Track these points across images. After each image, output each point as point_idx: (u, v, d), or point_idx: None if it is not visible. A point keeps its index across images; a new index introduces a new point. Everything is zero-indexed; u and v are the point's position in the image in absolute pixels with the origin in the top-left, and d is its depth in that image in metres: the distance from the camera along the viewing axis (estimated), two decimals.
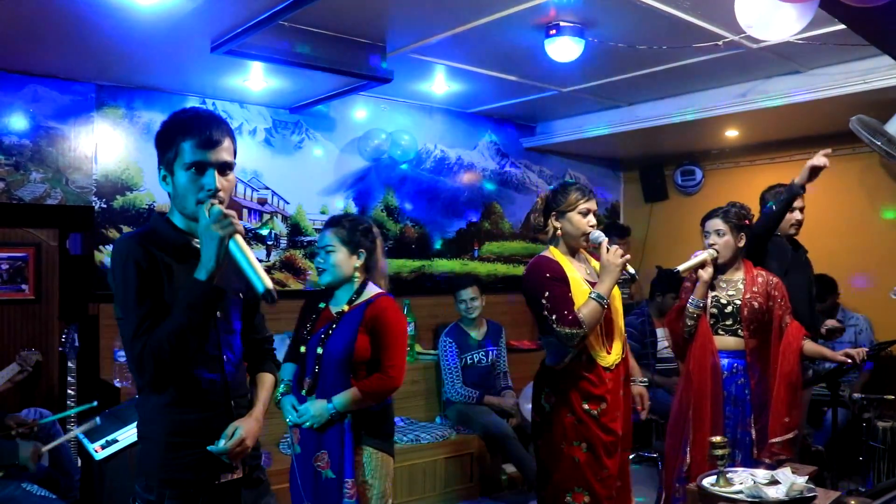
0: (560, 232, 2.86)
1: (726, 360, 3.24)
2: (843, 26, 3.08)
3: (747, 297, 3.22)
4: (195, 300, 1.78)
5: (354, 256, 2.78)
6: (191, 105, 4.49)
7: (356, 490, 2.61)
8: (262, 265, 1.89)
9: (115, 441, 3.12)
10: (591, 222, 2.83)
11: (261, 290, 1.76)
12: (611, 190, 7.05)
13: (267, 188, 4.95)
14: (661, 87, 4.89)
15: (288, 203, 5.05)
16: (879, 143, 3.21)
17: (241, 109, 4.86)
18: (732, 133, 5.64)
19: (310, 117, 5.13)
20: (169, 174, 1.91)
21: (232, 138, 1.94)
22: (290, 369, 2.81)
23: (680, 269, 3.24)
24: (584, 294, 2.73)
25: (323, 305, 2.83)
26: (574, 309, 2.67)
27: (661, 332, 4.90)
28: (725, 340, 3.25)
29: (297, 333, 2.84)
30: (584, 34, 3.64)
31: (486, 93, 5.12)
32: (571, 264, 2.84)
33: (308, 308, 2.90)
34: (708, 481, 2.38)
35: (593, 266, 2.91)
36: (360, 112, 5.31)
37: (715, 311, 3.28)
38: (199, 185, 1.86)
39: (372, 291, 2.80)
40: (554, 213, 2.87)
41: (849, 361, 3.23)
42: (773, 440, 3.14)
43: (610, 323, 2.82)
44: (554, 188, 2.95)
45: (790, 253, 3.68)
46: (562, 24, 3.57)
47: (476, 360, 4.88)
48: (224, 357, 1.95)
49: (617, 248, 2.74)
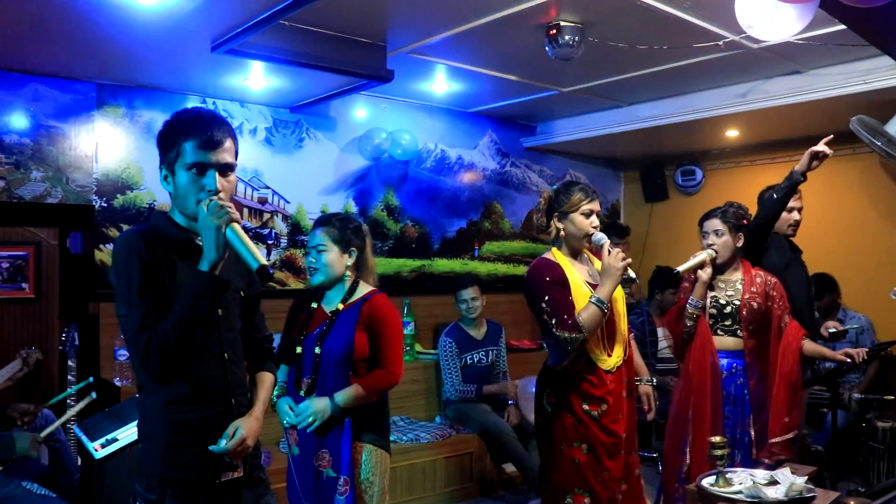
0: (563, 233, 2.84)
1: (725, 360, 3.24)
2: (843, 27, 3.08)
3: (746, 297, 3.22)
4: (199, 290, 1.79)
5: (346, 255, 2.78)
6: (191, 104, 4.51)
7: (348, 488, 2.61)
8: None
9: (115, 440, 3.12)
10: (593, 223, 2.80)
11: (255, 267, 1.77)
12: (611, 190, 7.05)
13: (267, 187, 4.95)
14: (662, 87, 4.89)
15: (288, 202, 5.05)
16: (879, 144, 3.21)
17: (242, 108, 4.86)
18: (733, 133, 5.64)
19: (310, 116, 5.13)
20: (170, 174, 1.91)
21: (234, 139, 1.94)
22: (283, 371, 2.80)
23: (679, 269, 3.23)
24: (585, 296, 2.70)
25: (315, 305, 2.82)
26: (574, 313, 2.65)
27: (661, 332, 4.90)
28: (724, 340, 3.25)
29: (289, 334, 2.81)
30: (584, 34, 3.64)
31: (486, 92, 5.12)
32: (573, 266, 2.82)
33: (298, 308, 2.87)
34: (707, 481, 2.38)
35: (596, 267, 2.88)
36: (360, 111, 5.31)
37: (714, 311, 3.28)
38: (199, 185, 1.86)
39: (366, 289, 2.80)
40: (557, 214, 2.84)
41: (848, 361, 3.23)
42: (773, 440, 3.14)
43: (611, 325, 2.79)
44: (557, 188, 2.92)
45: (788, 249, 3.68)
46: (562, 23, 3.57)
47: (476, 359, 4.88)
48: (225, 355, 1.96)
49: (618, 251, 2.70)
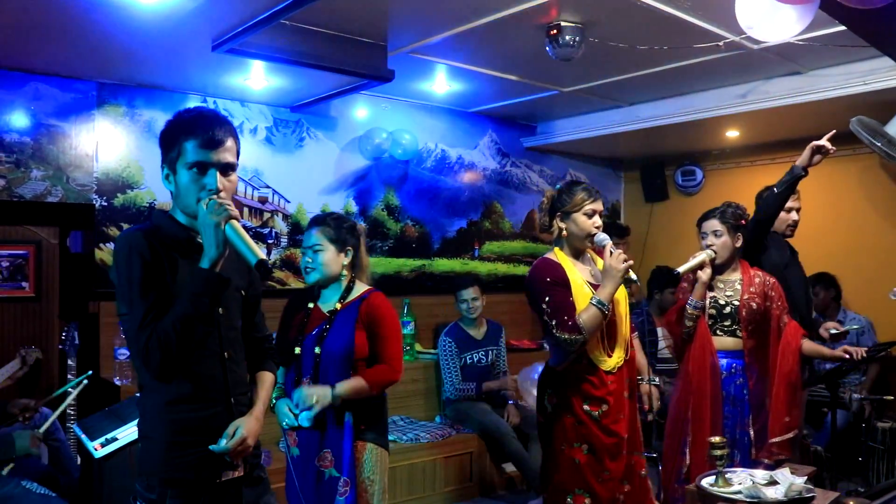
0: (565, 232, 2.83)
1: (725, 361, 3.24)
2: (843, 27, 3.08)
3: (745, 297, 3.22)
4: (199, 288, 1.79)
5: (342, 254, 2.77)
6: (192, 103, 4.51)
7: (348, 489, 2.61)
8: None
9: (115, 439, 3.12)
10: (596, 223, 2.79)
11: (253, 262, 1.78)
12: (611, 190, 7.05)
13: (268, 187, 4.95)
14: (662, 88, 4.89)
15: (289, 202, 5.05)
16: (879, 145, 3.22)
17: (242, 108, 4.86)
18: (733, 133, 5.65)
19: (311, 116, 5.12)
20: (172, 173, 1.91)
21: (235, 139, 1.94)
22: (279, 373, 2.76)
23: (680, 270, 3.23)
24: (586, 297, 2.69)
25: (312, 305, 2.81)
26: (574, 314, 2.64)
27: (661, 332, 4.90)
28: (724, 341, 3.25)
29: (285, 335, 2.79)
30: (584, 34, 3.64)
31: (486, 92, 5.12)
32: (575, 266, 2.81)
33: (294, 309, 2.86)
34: (707, 481, 2.38)
35: (599, 267, 2.86)
36: (361, 111, 5.31)
37: (713, 311, 3.27)
38: (200, 184, 1.87)
39: (362, 288, 2.80)
40: (559, 214, 2.83)
41: (847, 356, 3.23)
42: (774, 440, 3.14)
43: (612, 327, 2.77)
44: (560, 188, 2.90)
45: (787, 249, 3.68)
46: (563, 23, 3.57)
47: (476, 359, 4.89)
48: (225, 354, 1.96)
49: (620, 252, 2.69)
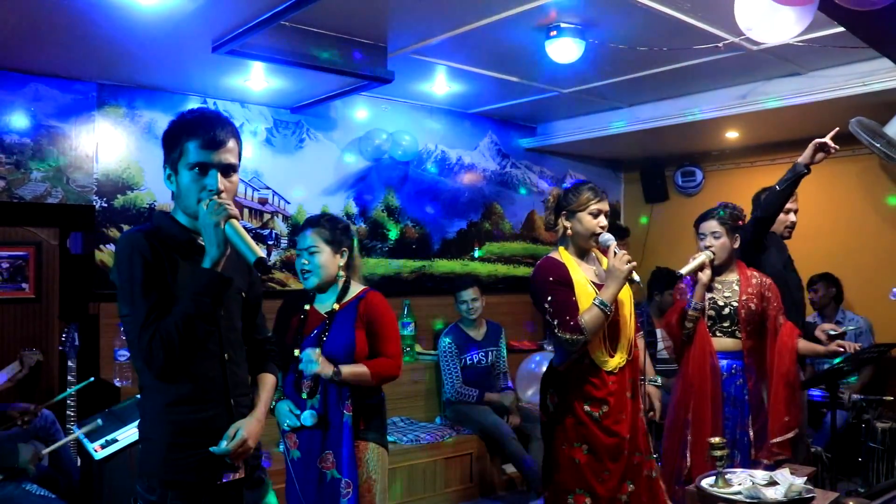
0: (570, 232, 2.83)
1: (725, 362, 3.24)
2: (842, 29, 3.08)
3: (743, 298, 3.22)
4: (201, 287, 1.80)
5: (338, 255, 2.77)
6: (192, 104, 4.51)
7: (351, 489, 2.61)
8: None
9: (115, 441, 3.12)
10: (601, 223, 2.79)
11: (252, 259, 1.79)
12: (611, 191, 7.05)
13: (268, 188, 4.96)
14: (662, 89, 4.89)
15: (289, 203, 5.05)
16: (878, 145, 3.23)
17: (243, 109, 4.86)
18: (733, 134, 5.65)
19: (311, 117, 5.13)
20: (173, 173, 1.92)
21: (237, 140, 1.95)
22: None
23: (683, 272, 3.22)
24: (590, 296, 2.69)
25: (307, 307, 2.81)
26: (577, 315, 2.64)
27: (660, 333, 4.90)
28: (723, 342, 3.25)
29: (283, 338, 2.77)
30: (584, 35, 3.65)
31: (486, 93, 5.12)
32: (579, 266, 2.81)
33: (290, 311, 2.85)
34: (707, 482, 2.38)
35: (604, 267, 2.85)
36: (361, 112, 5.31)
37: (712, 313, 3.27)
38: (201, 184, 1.87)
39: (358, 288, 2.82)
40: (564, 212, 2.83)
41: (841, 350, 3.23)
42: (774, 440, 3.14)
43: (615, 327, 2.77)
44: (567, 187, 2.91)
45: (786, 250, 3.68)
46: (562, 25, 3.58)
47: (476, 360, 4.89)
48: (225, 355, 1.96)
49: (624, 253, 2.70)
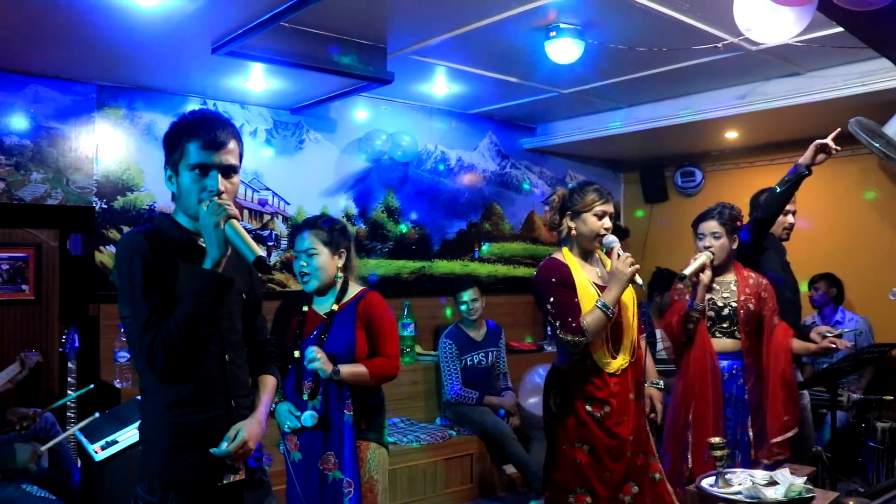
0: (574, 232, 2.82)
1: (726, 363, 3.23)
2: (841, 29, 3.08)
3: (742, 298, 3.22)
4: (202, 288, 1.80)
5: (336, 257, 2.77)
6: (192, 106, 4.52)
7: (353, 489, 2.61)
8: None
9: (115, 442, 3.12)
10: (605, 225, 2.78)
11: (251, 258, 1.79)
12: (611, 191, 7.04)
13: (268, 189, 4.96)
14: (662, 89, 4.90)
15: (289, 204, 5.05)
16: (878, 145, 3.22)
17: (242, 110, 4.86)
18: (732, 135, 5.65)
19: (310, 118, 5.13)
20: (174, 174, 1.92)
21: (238, 142, 1.94)
22: None
23: (686, 273, 3.19)
24: (592, 298, 2.68)
25: (306, 308, 2.80)
26: (579, 316, 2.63)
27: (659, 334, 4.90)
28: (723, 343, 3.24)
29: (281, 339, 2.75)
30: (584, 36, 3.65)
31: (486, 94, 5.12)
32: (582, 267, 2.79)
33: (288, 312, 2.85)
34: (707, 482, 2.38)
35: (608, 269, 2.82)
36: (360, 113, 5.32)
37: (712, 313, 3.26)
38: (201, 185, 1.87)
39: (357, 288, 2.82)
40: (569, 213, 2.82)
41: (833, 346, 3.22)
42: (774, 440, 3.14)
43: (618, 328, 2.76)
44: (572, 187, 2.89)
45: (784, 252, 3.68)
46: (562, 25, 3.58)
47: (476, 361, 4.89)
48: (226, 357, 1.96)
49: (628, 255, 2.68)
